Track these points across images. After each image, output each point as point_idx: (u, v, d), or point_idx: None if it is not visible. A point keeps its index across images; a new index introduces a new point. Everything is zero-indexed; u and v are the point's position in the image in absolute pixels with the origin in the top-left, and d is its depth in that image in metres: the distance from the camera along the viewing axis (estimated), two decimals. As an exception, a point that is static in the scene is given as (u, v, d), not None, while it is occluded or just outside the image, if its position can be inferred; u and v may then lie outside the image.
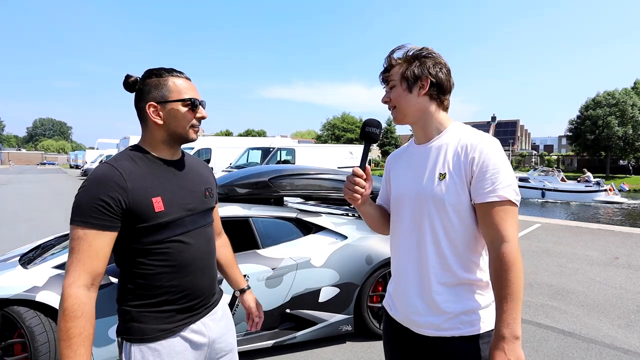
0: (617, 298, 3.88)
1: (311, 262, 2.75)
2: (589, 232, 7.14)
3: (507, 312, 0.97)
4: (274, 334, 2.66)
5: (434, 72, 1.11)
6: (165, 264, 1.09)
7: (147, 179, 1.08)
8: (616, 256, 5.46)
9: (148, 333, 1.08)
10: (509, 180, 1.02)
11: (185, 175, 1.19)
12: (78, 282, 0.96)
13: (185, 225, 1.14)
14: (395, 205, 1.22)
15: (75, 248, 0.97)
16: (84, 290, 0.97)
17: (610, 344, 2.95)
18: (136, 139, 11.42)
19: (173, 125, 1.12)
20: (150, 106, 1.10)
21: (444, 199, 1.06)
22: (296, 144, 14.73)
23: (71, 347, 0.92)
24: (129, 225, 1.05)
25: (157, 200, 1.07)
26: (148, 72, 1.13)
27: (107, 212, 1.00)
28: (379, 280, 2.96)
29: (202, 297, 1.19)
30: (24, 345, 2.14)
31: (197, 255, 1.17)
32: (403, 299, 1.17)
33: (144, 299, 1.09)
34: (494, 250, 1.01)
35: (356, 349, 2.86)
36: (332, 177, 3.26)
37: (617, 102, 36.79)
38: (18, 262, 2.50)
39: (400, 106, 1.15)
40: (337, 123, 49.86)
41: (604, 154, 39.65)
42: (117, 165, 1.05)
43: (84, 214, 0.99)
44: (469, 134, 1.10)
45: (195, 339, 1.16)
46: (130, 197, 1.03)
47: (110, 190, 1.00)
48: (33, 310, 2.14)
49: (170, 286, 1.11)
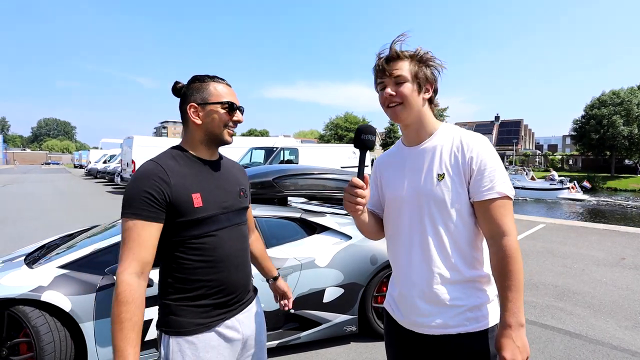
0: (624, 299, 3.85)
1: (315, 262, 2.74)
2: (594, 233, 7.09)
3: (512, 302, 1.01)
4: (278, 334, 2.66)
5: (436, 78, 1.15)
6: (201, 259, 1.15)
7: (187, 177, 1.15)
8: (623, 257, 5.41)
9: (185, 326, 1.13)
10: (504, 177, 1.07)
11: (221, 175, 1.27)
12: (129, 269, 1.03)
13: (221, 222, 1.20)
14: (392, 209, 1.21)
15: (126, 238, 1.05)
16: (134, 277, 1.03)
17: (617, 346, 2.92)
18: (139, 139, 11.48)
19: (210, 126, 1.20)
20: (191, 107, 1.19)
21: (445, 199, 1.08)
22: (299, 144, 14.72)
23: (122, 331, 0.98)
24: (170, 218, 1.11)
25: (196, 197, 1.14)
26: (193, 78, 1.22)
27: (153, 204, 1.07)
28: (383, 281, 2.94)
29: (237, 293, 1.24)
30: (30, 344, 2.15)
31: (232, 251, 1.22)
32: (406, 300, 1.17)
33: (182, 293, 1.15)
34: (496, 244, 1.05)
35: (360, 350, 2.85)
36: (336, 177, 3.25)
37: (622, 101, 36.52)
38: (23, 261, 2.51)
39: (408, 104, 1.11)
40: (340, 123, 49.85)
41: (609, 153, 39.39)
42: (161, 162, 1.14)
43: (132, 206, 1.06)
44: (462, 134, 1.12)
45: (229, 334, 1.21)
46: (173, 191, 1.10)
47: (156, 183, 1.08)
48: (38, 310, 2.15)
49: (206, 280, 1.16)
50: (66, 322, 2.20)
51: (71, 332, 2.21)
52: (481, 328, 1.09)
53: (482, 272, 1.12)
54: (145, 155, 17.53)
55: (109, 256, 2.39)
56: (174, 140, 19.68)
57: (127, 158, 15.78)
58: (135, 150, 15.16)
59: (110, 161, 22.86)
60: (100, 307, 2.18)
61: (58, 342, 2.15)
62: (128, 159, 15.52)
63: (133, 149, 15.15)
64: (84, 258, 2.37)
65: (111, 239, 2.47)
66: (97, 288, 2.21)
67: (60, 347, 2.16)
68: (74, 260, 2.35)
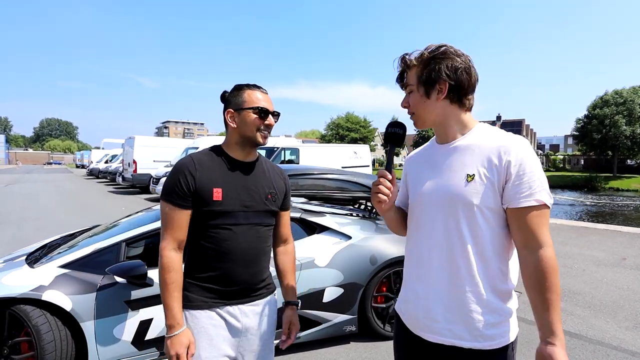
0: (624, 299, 3.84)
1: (315, 262, 2.75)
2: (595, 233, 7.07)
3: (554, 317, 0.95)
4: (277, 334, 2.65)
5: (451, 74, 1.04)
6: (212, 247, 1.28)
7: (214, 172, 1.29)
8: (624, 257, 5.40)
9: (192, 300, 1.29)
10: (544, 184, 0.99)
11: (251, 176, 1.36)
12: (169, 246, 1.25)
13: (238, 218, 1.30)
14: (415, 206, 1.15)
15: (164, 220, 1.27)
16: (173, 252, 1.26)
17: (617, 346, 2.91)
18: (141, 139, 11.56)
19: (244, 129, 1.32)
20: (228, 113, 1.33)
21: (473, 202, 1.01)
22: (300, 144, 14.69)
23: (168, 291, 1.23)
24: (196, 206, 1.27)
25: (217, 191, 1.27)
26: (234, 87, 1.36)
27: (181, 193, 1.25)
28: (383, 281, 2.94)
29: (239, 287, 1.32)
30: (31, 343, 2.16)
31: (241, 247, 1.31)
32: (420, 303, 1.11)
33: (195, 273, 1.31)
34: (531, 255, 0.98)
35: (360, 350, 2.85)
36: (336, 177, 3.25)
37: (625, 101, 36.38)
38: (25, 261, 2.52)
39: (419, 113, 1.10)
40: (342, 123, 49.79)
41: (611, 153, 39.24)
42: (194, 157, 1.30)
43: (167, 193, 1.26)
44: (500, 135, 1.04)
45: (229, 320, 1.31)
46: (197, 183, 1.26)
47: (184, 175, 1.25)
48: (39, 309, 2.16)
49: (213, 267, 1.29)
50: (67, 322, 2.21)
51: (72, 332, 2.22)
52: (496, 346, 1.03)
53: (506, 285, 1.05)
54: (147, 155, 17.49)
55: (109, 256, 2.40)
56: (175, 140, 19.70)
57: (128, 158, 15.80)
58: (136, 150, 15.18)
59: (112, 161, 22.91)
60: (100, 307, 2.19)
61: (59, 341, 2.16)
62: (129, 159, 15.54)
63: (134, 149, 15.17)
64: (85, 258, 2.38)
65: (112, 239, 2.48)
66: (98, 287, 2.22)
67: (61, 347, 2.17)
68: (75, 259, 2.36)
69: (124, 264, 2.22)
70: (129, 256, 2.71)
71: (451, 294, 1.05)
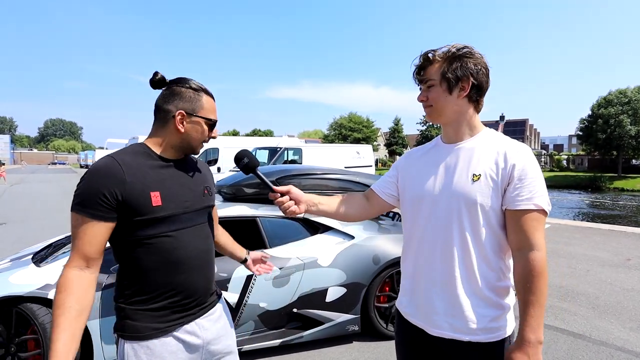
0: (629, 300, 3.82)
1: (318, 262, 2.76)
2: (599, 233, 7.03)
3: (533, 317, 0.99)
4: (280, 334, 2.68)
5: (475, 73, 1.08)
6: (158, 260, 1.11)
7: (147, 174, 1.11)
8: (628, 257, 5.37)
9: (141, 331, 1.10)
10: (544, 191, 1.03)
11: (185, 173, 1.22)
12: (72, 263, 1.03)
13: (182, 221, 1.16)
14: (416, 203, 1.18)
15: (74, 234, 1.04)
16: (76, 270, 1.03)
17: (621, 347, 2.90)
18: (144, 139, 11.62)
19: (190, 137, 1.19)
20: (179, 114, 1.15)
21: (477, 201, 1.04)
22: (303, 144, 14.72)
23: (54, 317, 0.99)
24: (125, 217, 1.07)
25: (155, 195, 1.09)
26: (183, 80, 1.19)
27: (103, 204, 1.03)
28: (386, 280, 2.95)
29: (197, 297, 1.20)
30: (37, 341, 2.19)
31: (193, 253, 1.18)
32: (422, 298, 1.15)
33: (138, 295, 1.12)
34: (522, 257, 1.01)
35: (363, 349, 2.86)
36: (339, 177, 3.25)
37: (630, 101, 36.11)
38: (31, 260, 2.55)
39: (438, 107, 1.12)
40: (344, 123, 49.77)
41: (616, 153, 38.95)
42: (118, 159, 1.09)
43: (81, 203, 1.03)
44: (506, 140, 1.10)
45: (188, 339, 1.17)
46: (128, 190, 1.06)
47: (108, 183, 1.04)
48: (46, 308, 2.19)
49: (164, 283, 1.13)
50: (72, 320, 2.23)
51: (77, 330, 2.24)
52: (494, 339, 1.07)
53: (505, 283, 1.09)
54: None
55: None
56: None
57: (132, 158, 15.83)
58: (140, 150, 15.21)
59: (116, 161, 22.95)
60: (105, 305, 2.21)
61: (65, 339, 2.19)
62: (133, 159, 15.57)
63: (138, 149, 15.20)
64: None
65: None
66: (103, 286, 2.24)
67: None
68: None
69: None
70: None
71: (451, 288, 1.09)
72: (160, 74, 1.18)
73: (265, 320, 2.62)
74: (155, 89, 1.19)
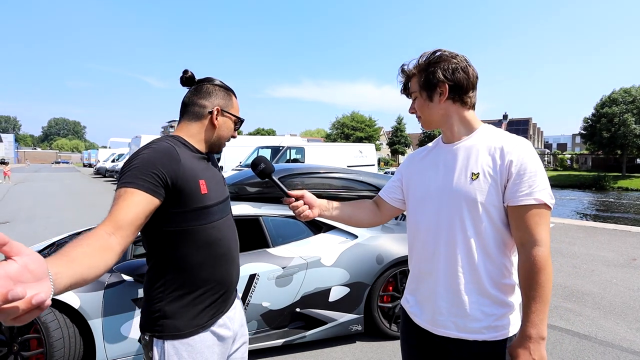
0: (634, 300, 3.78)
1: (321, 261, 2.74)
2: (604, 233, 6.97)
3: (535, 313, 0.98)
4: (283, 333, 2.66)
5: (449, 76, 1.08)
6: (205, 252, 1.11)
7: (193, 162, 1.13)
8: (634, 257, 5.32)
9: (183, 329, 1.09)
10: (545, 184, 1.01)
11: (213, 166, 1.28)
12: (100, 227, 0.89)
13: (220, 212, 1.18)
14: (419, 204, 1.19)
15: (113, 205, 0.95)
16: (100, 231, 0.88)
17: (627, 348, 2.87)
18: (147, 138, 11.59)
19: (221, 132, 1.24)
20: (217, 110, 1.21)
21: (477, 199, 1.04)
22: (305, 143, 14.71)
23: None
24: (172, 205, 1.04)
25: (202, 183, 1.11)
26: (212, 79, 1.25)
27: (156, 177, 0.99)
28: (389, 280, 2.93)
29: (232, 289, 1.24)
30: (40, 340, 2.18)
31: (231, 244, 1.21)
32: (426, 298, 1.15)
33: (181, 291, 1.09)
34: (526, 253, 1.01)
35: (366, 349, 2.84)
36: (342, 176, 3.24)
37: (635, 99, 35.87)
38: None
39: (425, 116, 1.16)
40: (347, 122, 49.74)
41: (620, 152, 38.72)
42: (172, 142, 1.11)
43: (132, 176, 0.98)
44: (503, 135, 1.09)
45: (222, 333, 1.19)
46: (181, 173, 1.05)
47: (166, 161, 1.03)
48: (48, 307, 2.18)
49: (208, 277, 1.12)
50: (75, 319, 2.23)
51: (80, 329, 2.24)
52: (500, 337, 1.06)
53: (510, 280, 1.08)
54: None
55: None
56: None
57: (135, 157, 15.89)
58: (143, 149, 15.25)
59: (119, 160, 23.13)
60: (108, 304, 2.21)
61: (67, 338, 2.19)
62: (136, 157, 15.62)
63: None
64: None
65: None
66: (105, 285, 2.24)
67: (70, 343, 2.19)
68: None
69: (131, 262, 2.23)
70: (135, 254, 2.73)
71: (455, 288, 1.09)
72: (190, 72, 1.22)
73: (268, 319, 2.61)
74: (184, 87, 1.24)
